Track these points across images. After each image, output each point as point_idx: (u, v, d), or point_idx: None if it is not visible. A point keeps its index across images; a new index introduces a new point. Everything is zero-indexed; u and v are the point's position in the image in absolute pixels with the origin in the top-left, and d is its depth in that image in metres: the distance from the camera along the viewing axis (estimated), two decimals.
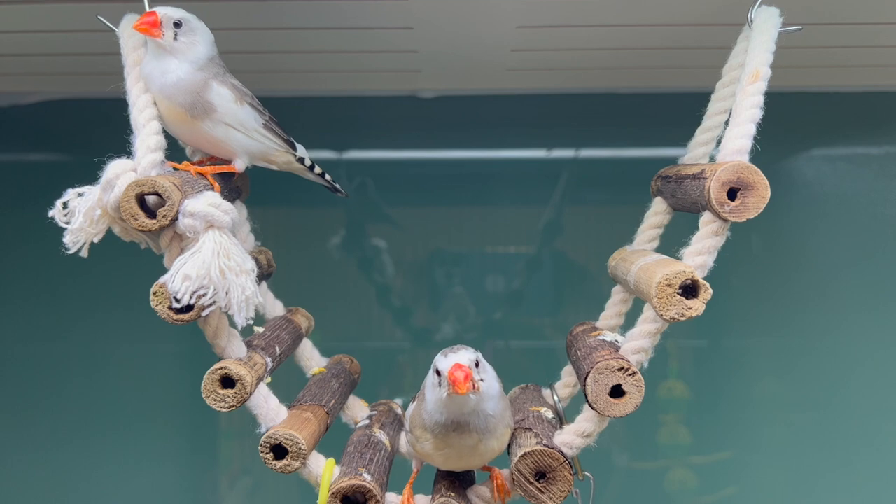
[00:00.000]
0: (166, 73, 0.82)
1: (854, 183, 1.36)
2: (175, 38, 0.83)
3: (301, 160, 0.94)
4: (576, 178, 1.36)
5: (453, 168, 1.39)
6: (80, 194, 0.79)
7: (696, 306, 0.76)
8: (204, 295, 0.75)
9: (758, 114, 0.79)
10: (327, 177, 0.98)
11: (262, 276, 0.97)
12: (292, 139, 0.92)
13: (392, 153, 1.40)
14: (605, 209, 1.36)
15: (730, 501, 1.37)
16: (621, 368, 0.78)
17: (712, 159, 0.90)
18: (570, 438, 0.83)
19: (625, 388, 0.78)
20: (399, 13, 0.99)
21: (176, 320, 0.76)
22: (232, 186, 0.91)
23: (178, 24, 0.83)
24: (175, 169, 0.82)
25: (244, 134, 0.87)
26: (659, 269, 0.78)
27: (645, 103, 1.32)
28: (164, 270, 0.77)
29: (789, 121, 0.82)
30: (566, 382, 0.99)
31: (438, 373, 0.79)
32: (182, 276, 0.74)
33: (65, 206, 0.79)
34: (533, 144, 1.38)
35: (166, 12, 0.82)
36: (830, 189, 1.36)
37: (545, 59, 1.17)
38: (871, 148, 1.37)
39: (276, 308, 1.01)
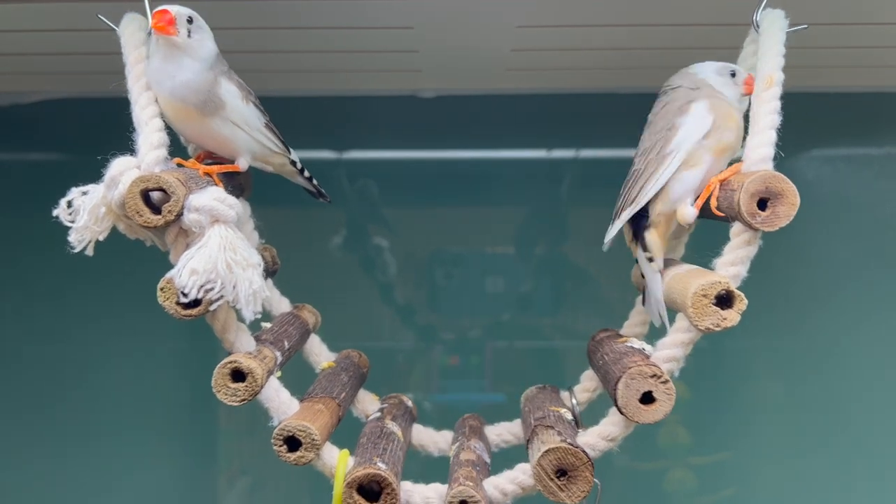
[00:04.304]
0: (178, 73, 0.82)
1: (854, 183, 1.37)
2: (189, 36, 0.82)
3: (293, 163, 0.95)
4: (576, 178, 1.36)
5: (453, 168, 1.39)
6: (85, 192, 0.79)
7: (732, 317, 0.76)
8: (211, 289, 0.75)
9: (776, 120, 0.79)
10: (314, 181, 0.99)
11: (267, 273, 0.97)
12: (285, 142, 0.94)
13: (392, 153, 1.40)
14: (606, 210, 1.35)
15: (729, 502, 1.37)
16: (654, 375, 0.79)
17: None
18: (594, 440, 0.83)
19: (655, 395, 0.78)
20: (399, 13, 0.99)
21: (184, 315, 0.75)
22: (235, 184, 0.91)
23: (190, 21, 0.82)
24: (181, 165, 0.82)
25: (247, 133, 0.87)
26: (693, 279, 0.78)
27: (646, 103, 1.30)
28: (166, 269, 0.77)
29: (789, 121, 0.82)
30: (585, 387, 1.00)
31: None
32: (189, 271, 0.74)
33: (69, 204, 0.79)
34: (533, 144, 1.38)
35: (179, 10, 0.81)
36: (830, 190, 1.36)
37: (545, 59, 1.17)
38: (871, 148, 1.37)
39: (282, 305, 1.01)
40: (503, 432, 1.01)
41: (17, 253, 1.34)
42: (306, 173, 0.97)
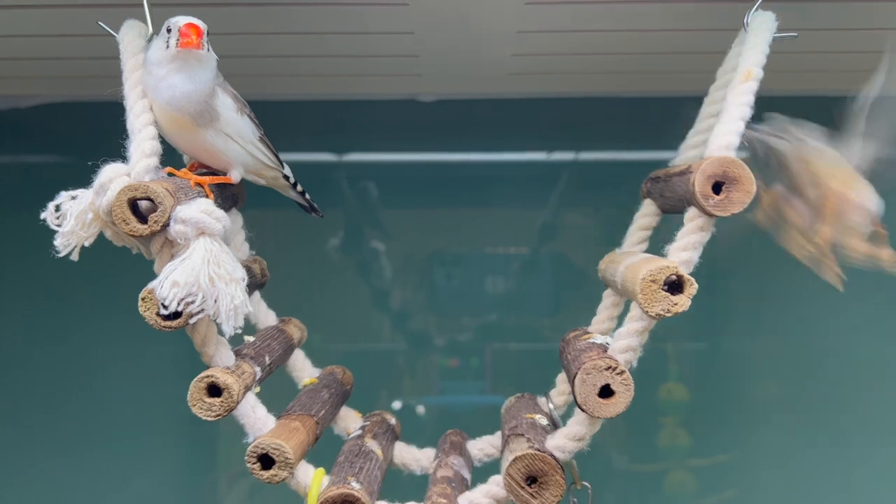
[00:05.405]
0: (185, 84, 0.81)
1: None
2: (208, 49, 0.82)
3: (286, 177, 0.94)
4: (575, 180, 1.36)
5: (453, 171, 1.39)
6: (73, 197, 0.79)
7: (682, 302, 0.75)
8: (192, 302, 0.74)
9: (747, 112, 0.79)
10: (307, 196, 0.98)
11: (256, 286, 0.97)
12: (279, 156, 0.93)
13: (392, 156, 1.40)
14: (605, 212, 1.36)
15: None
16: (609, 368, 0.77)
17: None
18: (562, 442, 0.82)
19: (613, 387, 0.77)
20: (400, 18, 0.99)
21: (164, 327, 0.75)
22: (228, 194, 0.90)
23: (207, 33, 0.82)
24: (172, 174, 0.82)
25: (241, 146, 0.86)
26: (643, 265, 0.78)
27: (644, 107, 1.31)
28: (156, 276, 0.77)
29: None
30: (561, 390, 0.99)
31: None
32: (170, 283, 0.74)
33: (57, 208, 0.79)
34: (533, 147, 1.38)
35: (200, 22, 0.80)
36: None
37: (545, 63, 1.17)
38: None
39: (268, 318, 1.00)
40: (485, 446, 0.99)
41: (17, 256, 1.35)
42: (299, 187, 0.96)
